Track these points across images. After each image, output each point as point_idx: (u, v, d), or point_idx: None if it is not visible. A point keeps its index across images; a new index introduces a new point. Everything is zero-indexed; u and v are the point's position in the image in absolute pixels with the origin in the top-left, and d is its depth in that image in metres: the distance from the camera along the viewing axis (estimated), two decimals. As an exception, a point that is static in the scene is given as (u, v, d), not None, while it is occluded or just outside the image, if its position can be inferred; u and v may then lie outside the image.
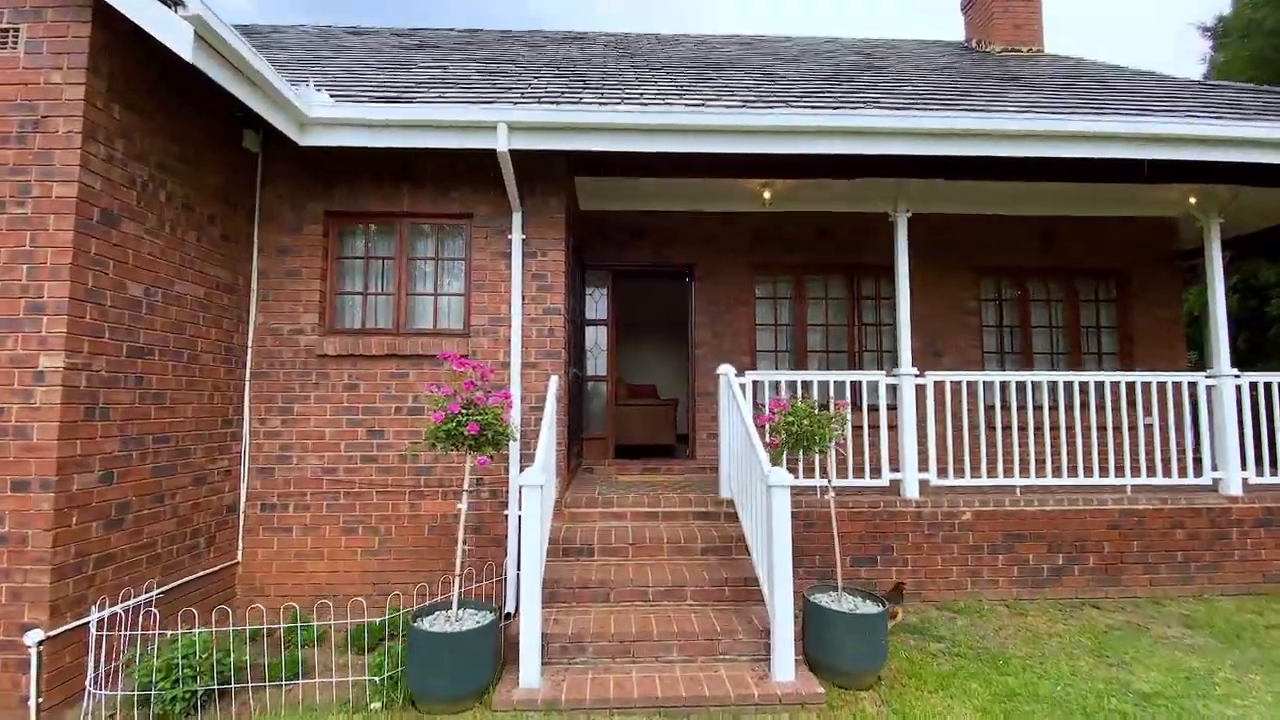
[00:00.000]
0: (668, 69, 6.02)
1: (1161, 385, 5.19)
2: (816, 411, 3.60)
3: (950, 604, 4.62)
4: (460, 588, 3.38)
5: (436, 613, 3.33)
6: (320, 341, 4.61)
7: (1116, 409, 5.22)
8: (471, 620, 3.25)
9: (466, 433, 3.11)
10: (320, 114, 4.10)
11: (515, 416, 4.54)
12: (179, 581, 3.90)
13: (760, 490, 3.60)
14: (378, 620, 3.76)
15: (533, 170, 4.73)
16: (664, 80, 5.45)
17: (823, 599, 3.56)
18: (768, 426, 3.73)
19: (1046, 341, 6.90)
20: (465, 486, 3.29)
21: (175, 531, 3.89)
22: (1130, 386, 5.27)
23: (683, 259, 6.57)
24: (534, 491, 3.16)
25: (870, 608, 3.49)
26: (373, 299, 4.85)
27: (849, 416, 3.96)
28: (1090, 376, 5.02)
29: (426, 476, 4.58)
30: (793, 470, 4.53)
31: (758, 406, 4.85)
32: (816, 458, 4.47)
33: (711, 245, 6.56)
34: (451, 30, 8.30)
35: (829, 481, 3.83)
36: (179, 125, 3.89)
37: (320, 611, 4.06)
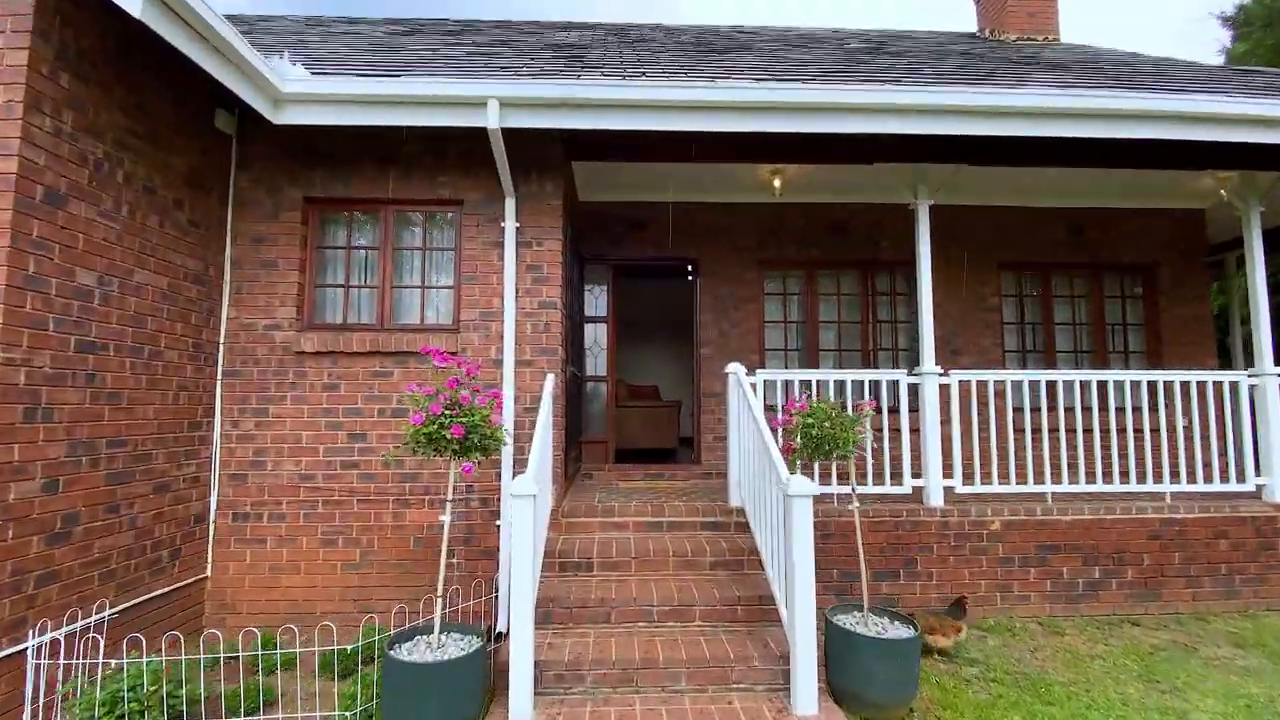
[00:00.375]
0: (672, 52, 5.70)
1: (1201, 385, 4.85)
2: (838, 413, 3.25)
3: (980, 622, 4.26)
4: (443, 609, 3.02)
5: (417, 638, 2.97)
6: (298, 337, 4.27)
7: (1153, 410, 4.88)
8: (456, 647, 2.90)
9: (450, 436, 2.77)
10: (296, 89, 3.77)
11: (508, 418, 4.20)
12: (138, 600, 3.55)
13: (775, 499, 3.26)
14: (349, 648, 3.40)
15: (527, 154, 4.40)
16: (668, 60, 5.13)
17: (846, 621, 3.21)
18: (783, 429, 3.38)
19: (1070, 339, 6.55)
20: (449, 496, 2.94)
21: (133, 545, 3.54)
22: (1167, 386, 4.93)
23: (687, 253, 6.23)
24: (525, 503, 2.81)
25: (900, 631, 3.14)
26: (355, 292, 4.51)
27: (870, 420, 3.61)
28: (1126, 375, 4.67)
29: (412, 483, 4.23)
30: (807, 475, 4.18)
31: (769, 408, 4.50)
32: (834, 463, 4.13)
33: (717, 238, 6.23)
34: (447, 19, 7.99)
35: (853, 490, 3.48)
36: (141, 101, 3.56)
37: (295, 630, 3.71)
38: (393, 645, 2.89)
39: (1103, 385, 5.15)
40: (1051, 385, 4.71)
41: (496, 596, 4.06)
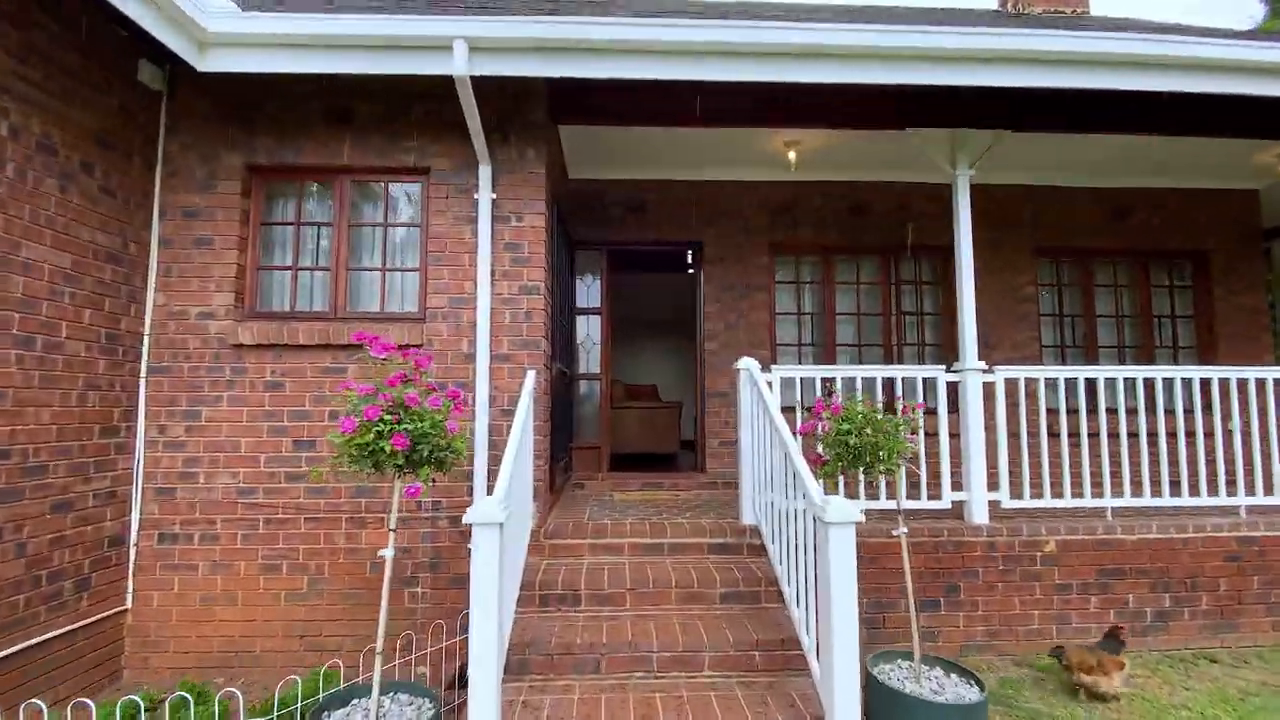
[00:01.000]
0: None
1: (1280, 383, 4.22)
2: (880, 416, 2.63)
3: (1034, 660, 3.64)
4: (382, 668, 2.40)
5: (354, 702, 2.35)
6: (236, 328, 3.64)
7: (1225, 412, 4.25)
8: (402, 715, 2.27)
9: (390, 448, 2.14)
10: (224, 27, 3.15)
11: (481, 422, 3.58)
12: (32, 641, 2.93)
13: (801, 520, 2.65)
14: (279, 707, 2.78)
15: (505, 112, 3.78)
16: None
17: (892, 674, 2.59)
18: (807, 437, 2.76)
19: (1113, 333, 5.94)
20: (391, 525, 2.31)
21: (23, 576, 2.91)
22: (1241, 385, 4.30)
23: (690, 236, 5.61)
24: (488, 534, 2.19)
25: (963, 690, 2.52)
26: (305, 275, 3.88)
27: (922, 423, 2.99)
28: (1196, 372, 4.06)
29: (369, 499, 3.61)
30: (830, 485, 3.55)
31: (786, 410, 3.88)
32: (862, 475, 3.51)
33: (724, 221, 5.60)
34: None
35: (899, 511, 2.85)
36: (34, 40, 2.94)
37: (227, 676, 3.10)
38: (321, 713, 2.26)
39: (1168, 382, 4.51)
40: (1111, 383, 4.10)
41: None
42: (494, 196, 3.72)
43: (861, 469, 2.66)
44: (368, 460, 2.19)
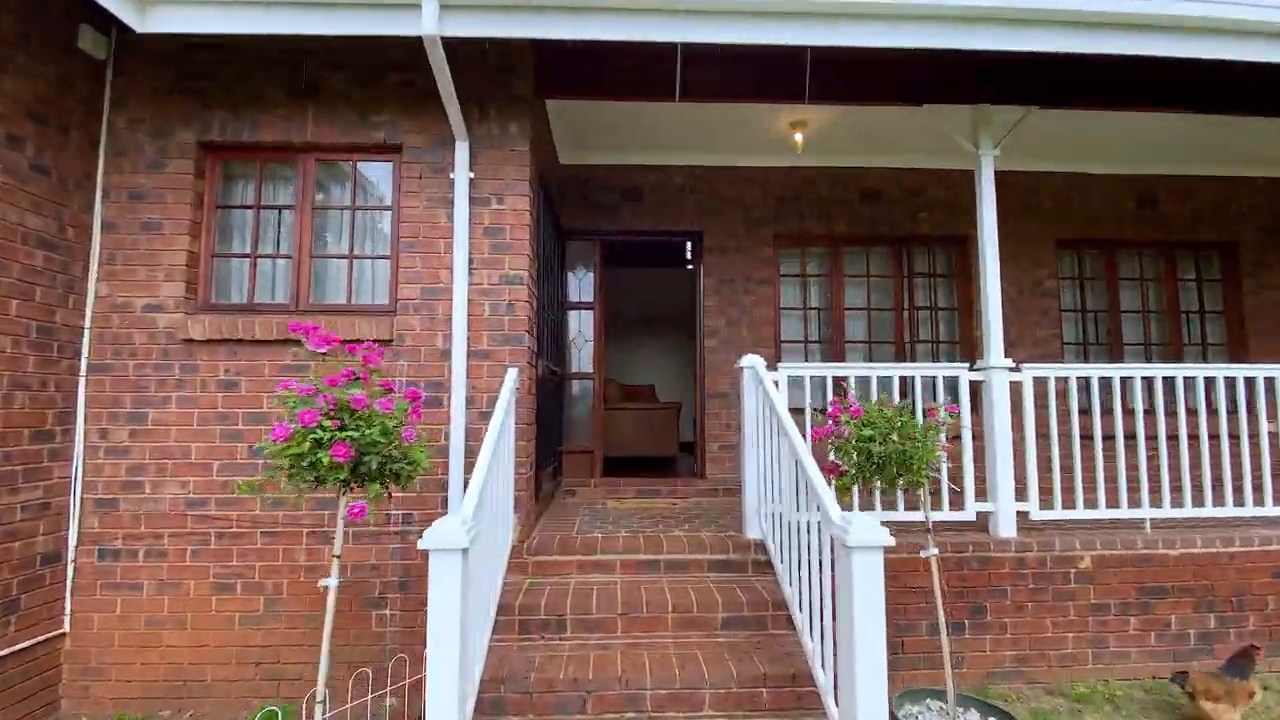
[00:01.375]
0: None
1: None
2: (908, 420, 2.28)
3: (1069, 689, 3.30)
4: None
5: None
6: (185, 322, 3.29)
7: (1270, 413, 3.91)
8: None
9: (330, 460, 1.79)
10: (163, -18, 2.80)
11: (457, 426, 3.23)
12: (-57, 675, 2.58)
13: (814, 536, 2.31)
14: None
15: (485, 83, 3.44)
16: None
17: (923, 718, 2.24)
18: (832, 442, 2.41)
19: (1138, 329, 5.60)
20: (335, 550, 1.96)
21: (-69, 602, 2.56)
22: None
23: (689, 226, 5.26)
24: (448, 561, 1.84)
25: (1004, 738, 2.17)
26: (265, 264, 3.53)
27: (950, 427, 2.63)
28: (1242, 371, 3.72)
29: (333, 511, 3.24)
30: (846, 500, 3.21)
31: (794, 412, 3.53)
32: (879, 485, 3.15)
33: (725, 210, 5.25)
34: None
35: (928, 528, 2.51)
36: (-63, -11, 2.59)
37: (174, 707, 2.75)
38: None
39: (1210, 381, 4.15)
40: (1149, 382, 3.76)
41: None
42: (472, 176, 3.37)
43: (885, 481, 2.30)
44: (307, 473, 1.84)
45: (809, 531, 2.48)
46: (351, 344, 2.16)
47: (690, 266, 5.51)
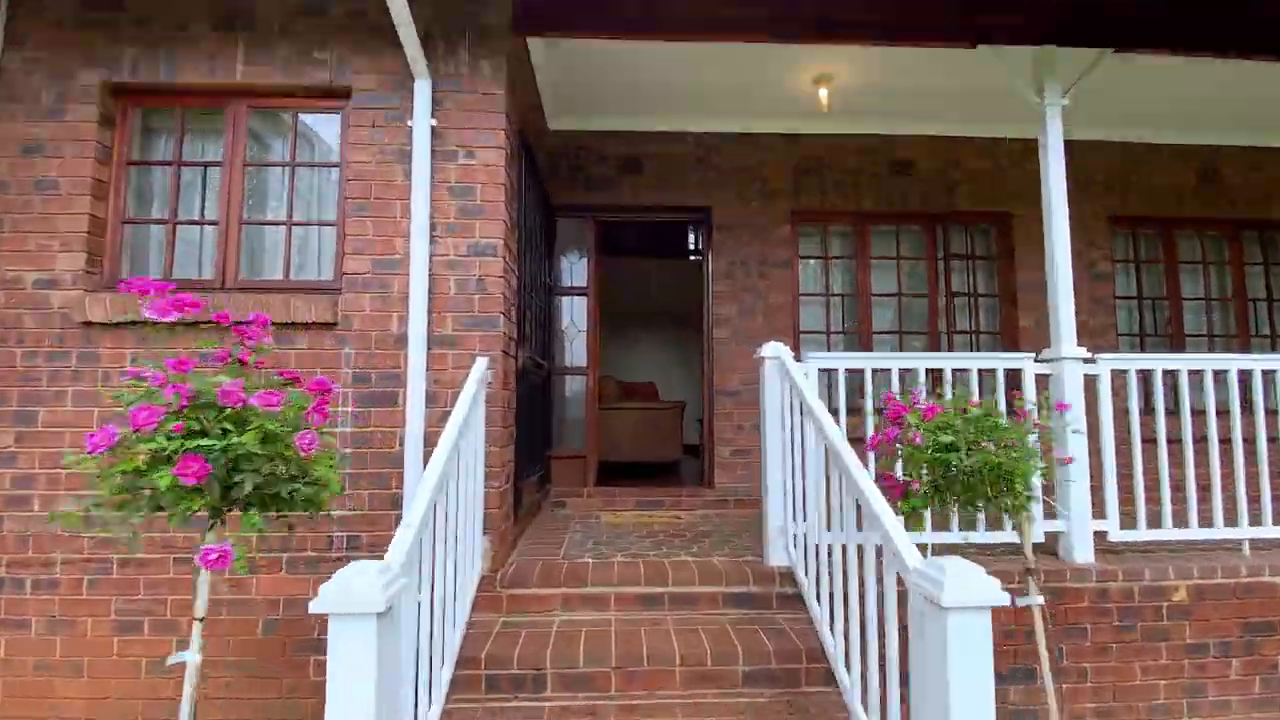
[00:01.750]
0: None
1: None
2: (1001, 423, 1.67)
3: (1165, 751, 2.70)
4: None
5: None
6: (84, 300, 2.70)
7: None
8: None
9: (173, 481, 1.19)
10: None
11: (415, 427, 2.64)
12: None
13: (868, 572, 1.71)
14: None
15: (450, 10, 2.84)
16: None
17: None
18: (898, 451, 1.81)
19: (1200, 319, 4.99)
20: (197, 612, 1.37)
21: None
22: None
23: (695, 202, 4.65)
24: (355, 631, 1.24)
25: None
26: (188, 231, 2.94)
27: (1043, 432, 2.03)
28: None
29: (272, 530, 2.65)
30: (916, 524, 2.59)
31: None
32: (953, 509, 2.53)
33: (737, 182, 4.64)
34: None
35: (1028, 563, 1.90)
36: None
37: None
38: None
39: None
40: (1246, 376, 3.16)
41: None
42: (434, 124, 2.77)
43: (970, 502, 1.70)
44: (142, 503, 1.24)
45: (858, 562, 1.89)
46: (241, 326, 1.57)
47: (700, 233, 4.89)
